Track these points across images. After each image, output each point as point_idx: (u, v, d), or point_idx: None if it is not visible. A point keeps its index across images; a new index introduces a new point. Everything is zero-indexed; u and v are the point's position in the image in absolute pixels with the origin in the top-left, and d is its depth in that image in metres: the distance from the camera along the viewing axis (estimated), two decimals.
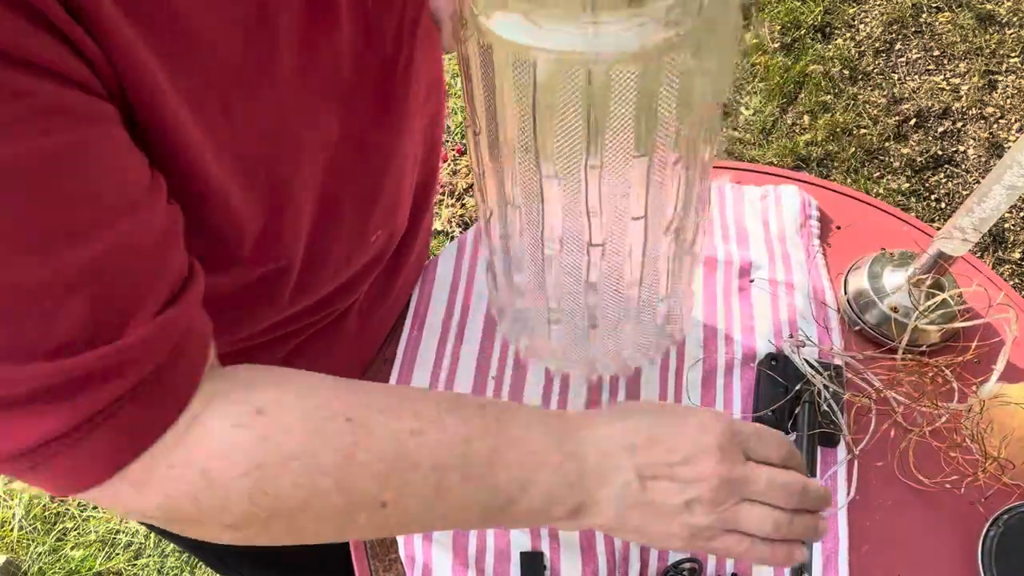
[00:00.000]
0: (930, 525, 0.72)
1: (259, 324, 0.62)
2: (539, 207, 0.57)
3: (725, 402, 0.79)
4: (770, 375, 0.77)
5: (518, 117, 0.51)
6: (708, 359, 0.82)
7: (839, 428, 0.74)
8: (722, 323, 0.84)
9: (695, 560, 0.69)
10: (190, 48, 0.38)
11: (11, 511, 1.60)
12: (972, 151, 2.13)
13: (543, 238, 0.59)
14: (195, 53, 0.38)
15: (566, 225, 0.58)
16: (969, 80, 2.27)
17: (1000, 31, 2.37)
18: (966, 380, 0.79)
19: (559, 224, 0.58)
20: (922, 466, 0.74)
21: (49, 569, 1.54)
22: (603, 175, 0.53)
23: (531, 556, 0.69)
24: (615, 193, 0.55)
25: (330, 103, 0.50)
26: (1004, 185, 0.68)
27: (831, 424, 0.74)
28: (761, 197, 0.94)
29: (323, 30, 0.46)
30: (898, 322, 0.82)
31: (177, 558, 1.56)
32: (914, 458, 0.74)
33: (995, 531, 0.69)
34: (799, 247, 0.90)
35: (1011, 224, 2.02)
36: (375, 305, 0.78)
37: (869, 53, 2.33)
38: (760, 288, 0.86)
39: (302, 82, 0.46)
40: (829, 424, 0.74)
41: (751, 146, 2.14)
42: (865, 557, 0.70)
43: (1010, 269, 1.94)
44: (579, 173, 0.53)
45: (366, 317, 0.77)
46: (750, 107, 2.21)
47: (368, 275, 0.72)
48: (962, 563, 0.70)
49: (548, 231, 0.59)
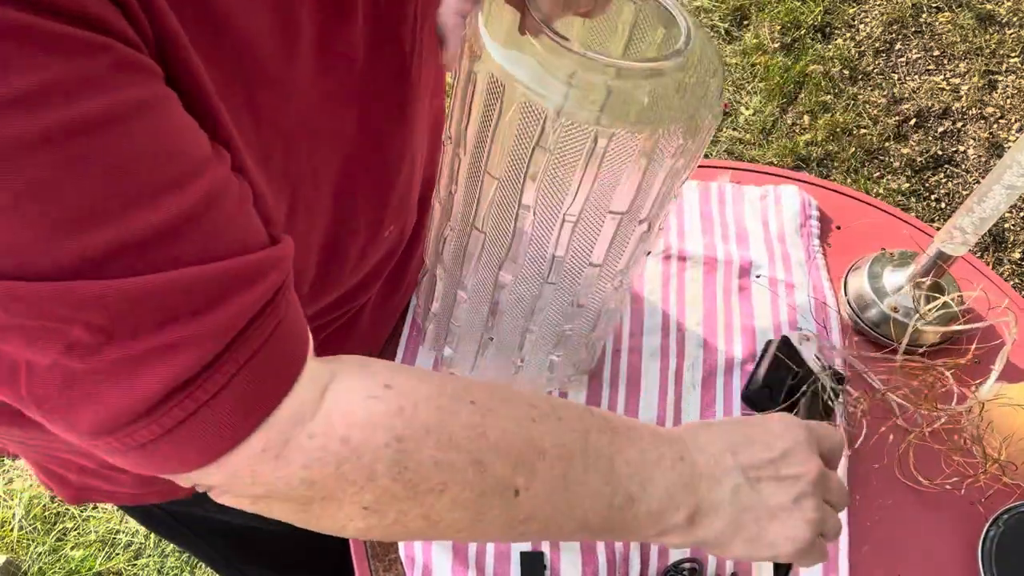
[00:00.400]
0: (930, 525, 0.72)
1: None
2: (507, 238, 0.58)
3: (725, 402, 0.79)
4: (779, 356, 0.77)
5: (511, 154, 0.52)
6: (708, 359, 0.82)
7: (835, 424, 0.74)
8: (722, 323, 0.84)
9: (695, 560, 0.69)
10: (217, 31, 0.37)
11: (11, 511, 1.60)
12: (972, 151, 2.13)
13: (501, 268, 0.60)
14: (221, 38, 0.38)
15: (528, 263, 0.60)
16: (969, 80, 2.27)
17: (1000, 31, 2.37)
18: (966, 381, 0.79)
19: (523, 259, 0.59)
20: (922, 467, 0.74)
21: (49, 569, 1.54)
22: (577, 226, 0.55)
23: (531, 556, 0.69)
24: (583, 241, 0.57)
25: (347, 98, 0.50)
26: (1004, 185, 0.68)
27: (830, 420, 0.74)
28: (761, 197, 0.94)
29: (339, 23, 0.46)
30: (898, 322, 0.82)
31: (177, 558, 1.56)
32: (914, 459, 0.74)
33: (995, 531, 0.69)
34: (799, 247, 0.90)
35: (1011, 224, 2.02)
36: (386, 301, 0.78)
37: (869, 53, 2.33)
38: (760, 288, 0.86)
39: (320, 77, 0.46)
40: (829, 420, 0.74)
41: (751, 146, 2.13)
42: (865, 557, 0.70)
43: (1010, 269, 1.94)
44: (556, 219, 0.55)
45: (377, 313, 0.77)
46: (750, 107, 2.21)
47: (381, 272, 0.72)
48: (962, 563, 0.70)
49: (509, 264, 0.60)
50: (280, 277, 0.39)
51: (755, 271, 0.88)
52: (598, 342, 0.75)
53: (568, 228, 0.55)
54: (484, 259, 0.61)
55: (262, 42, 0.40)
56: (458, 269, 0.64)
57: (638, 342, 0.82)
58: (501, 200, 0.56)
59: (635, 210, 0.55)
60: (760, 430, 0.51)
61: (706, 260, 0.88)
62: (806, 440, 0.51)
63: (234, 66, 0.39)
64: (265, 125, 0.43)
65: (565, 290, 0.62)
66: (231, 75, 0.39)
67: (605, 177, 0.51)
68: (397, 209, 0.65)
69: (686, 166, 0.53)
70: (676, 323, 0.84)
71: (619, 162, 0.50)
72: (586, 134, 0.48)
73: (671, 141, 0.49)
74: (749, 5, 2.42)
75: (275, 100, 0.43)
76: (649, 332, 0.83)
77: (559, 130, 0.48)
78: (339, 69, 0.48)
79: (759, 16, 2.39)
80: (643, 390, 0.79)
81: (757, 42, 2.32)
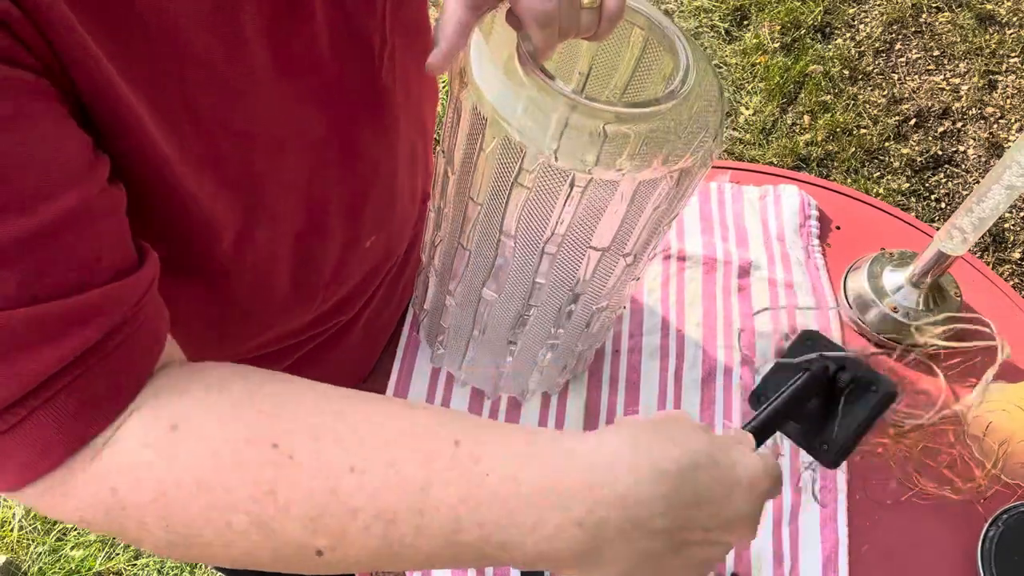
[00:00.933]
0: (930, 525, 0.72)
1: (249, 339, 0.60)
2: (490, 260, 0.58)
3: (725, 402, 0.79)
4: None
5: (493, 184, 0.51)
6: (708, 359, 0.82)
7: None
8: (722, 323, 0.84)
9: None
10: (140, 34, 0.36)
11: (11, 511, 1.60)
12: (972, 151, 2.13)
13: (485, 285, 0.60)
14: (147, 40, 0.36)
15: (510, 285, 0.60)
16: (969, 80, 2.27)
17: (1000, 31, 2.37)
18: (966, 381, 0.79)
19: (505, 281, 0.59)
20: (922, 467, 0.74)
21: (49, 569, 1.54)
22: (557, 258, 0.55)
23: None
24: (564, 271, 0.57)
25: (311, 100, 0.48)
26: (1003, 185, 0.68)
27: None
28: (760, 197, 0.94)
29: (294, 20, 0.44)
30: (898, 322, 0.82)
31: None
32: (914, 459, 0.74)
33: (995, 531, 0.69)
34: (798, 247, 0.90)
35: (1011, 224, 2.02)
36: (378, 316, 0.76)
37: (869, 53, 2.33)
38: (760, 288, 0.86)
39: (279, 76, 0.44)
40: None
41: (751, 146, 2.13)
42: (865, 557, 0.70)
43: (1010, 269, 1.94)
44: (536, 250, 0.55)
45: (369, 328, 0.75)
46: (750, 107, 2.21)
47: (367, 288, 0.69)
48: (962, 563, 0.70)
49: (491, 283, 0.60)
50: (112, 320, 0.37)
51: (755, 271, 0.88)
52: (588, 351, 0.74)
53: (548, 259, 0.54)
54: (468, 276, 0.61)
55: (199, 41, 0.39)
56: (447, 276, 0.64)
57: (638, 342, 0.82)
58: (484, 224, 0.55)
59: (618, 245, 0.54)
60: (721, 490, 0.40)
61: (705, 260, 0.88)
62: (762, 504, 0.42)
63: (166, 67, 0.38)
64: (210, 126, 0.42)
65: (549, 312, 0.62)
66: (162, 75, 0.38)
67: (586, 213, 0.50)
68: (377, 220, 0.62)
69: (675, 205, 0.51)
70: (676, 323, 0.84)
71: (602, 201, 0.48)
72: (566, 176, 0.46)
73: (659, 183, 0.48)
74: (749, 5, 2.42)
75: (220, 100, 0.41)
76: (649, 332, 0.83)
77: (537, 171, 0.46)
78: (299, 68, 0.46)
79: (759, 16, 2.39)
80: (643, 390, 0.79)
81: (757, 42, 2.32)
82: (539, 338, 0.66)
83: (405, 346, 0.81)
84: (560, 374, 0.75)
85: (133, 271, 0.38)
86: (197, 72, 0.39)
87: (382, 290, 0.74)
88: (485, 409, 0.78)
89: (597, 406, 0.78)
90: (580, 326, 0.66)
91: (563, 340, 0.66)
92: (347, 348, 0.73)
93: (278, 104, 0.45)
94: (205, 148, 0.42)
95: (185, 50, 0.38)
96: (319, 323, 0.66)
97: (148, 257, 0.40)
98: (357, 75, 0.51)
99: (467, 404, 0.78)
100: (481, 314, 0.63)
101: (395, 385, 0.79)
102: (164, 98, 0.38)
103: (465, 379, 0.77)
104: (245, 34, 0.41)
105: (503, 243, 0.55)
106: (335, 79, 0.49)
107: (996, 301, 0.87)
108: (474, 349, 0.70)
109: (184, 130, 0.40)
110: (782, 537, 0.71)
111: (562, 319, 0.62)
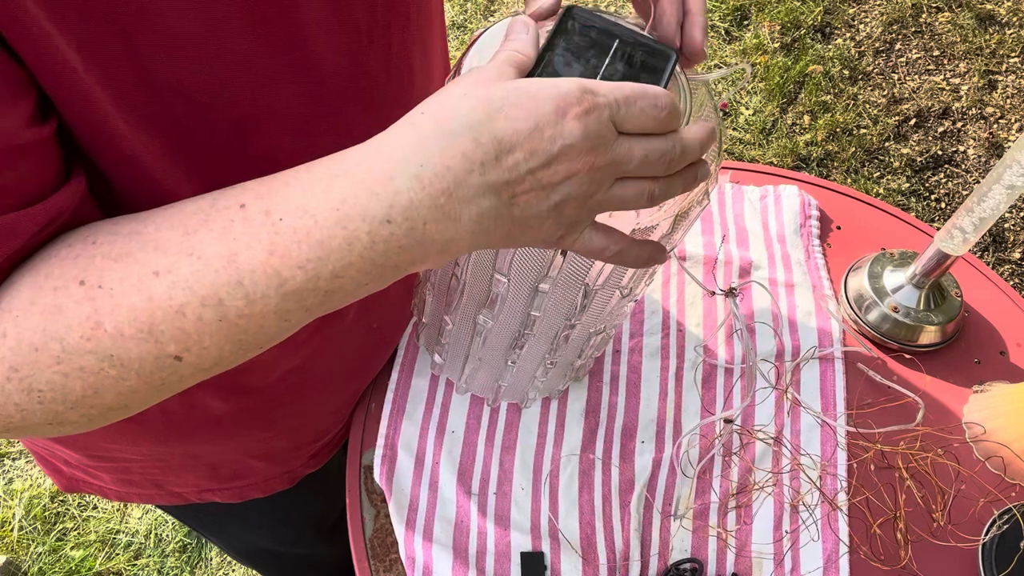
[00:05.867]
0: (930, 525, 0.72)
1: None
2: (484, 293, 0.58)
3: (725, 402, 0.79)
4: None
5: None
6: (708, 359, 0.82)
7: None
8: (722, 323, 0.84)
9: (695, 560, 0.69)
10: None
11: (11, 511, 1.60)
12: (972, 151, 2.13)
13: (479, 314, 0.61)
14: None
15: (505, 315, 0.60)
16: (969, 80, 2.27)
17: (1000, 31, 2.37)
18: (966, 381, 0.79)
19: (500, 312, 0.59)
20: (921, 467, 0.74)
21: (49, 569, 1.54)
22: (550, 296, 0.55)
23: (531, 556, 0.69)
24: (558, 307, 0.57)
25: (291, 76, 0.46)
26: (1004, 185, 0.68)
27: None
28: (761, 197, 0.94)
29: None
30: (898, 322, 0.82)
31: (177, 558, 1.56)
32: (913, 459, 0.74)
33: (995, 531, 0.69)
34: (799, 247, 0.90)
35: (1011, 224, 2.02)
36: (378, 308, 0.75)
37: (869, 53, 2.33)
38: (760, 288, 0.86)
39: (255, 52, 0.42)
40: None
41: (751, 146, 2.14)
42: (865, 557, 0.70)
43: (1010, 269, 1.95)
44: (530, 287, 0.55)
45: (371, 322, 0.74)
46: (750, 107, 2.21)
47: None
48: (962, 563, 0.70)
49: (487, 311, 0.60)
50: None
51: (755, 271, 0.88)
52: (588, 362, 0.75)
53: (542, 296, 0.55)
54: (463, 304, 0.61)
55: (163, 6, 0.37)
56: (442, 300, 0.64)
57: (638, 342, 0.82)
58: (478, 259, 0.55)
59: (613, 282, 0.54)
60: (524, 125, 0.38)
61: (706, 260, 0.88)
62: (584, 131, 0.39)
63: (105, 14, 0.36)
64: (161, 90, 0.40)
65: (545, 337, 0.63)
66: (98, 24, 0.36)
67: (578, 259, 0.50)
68: None
69: (672, 241, 0.51)
70: (676, 323, 0.84)
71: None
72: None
73: (657, 227, 0.47)
74: (749, 5, 2.42)
75: (175, 64, 0.40)
76: (649, 332, 0.83)
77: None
78: (278, 40, 0.43)
79: (759, 16, 2.39)
80: (643, 390, 0.79)
81: (757, 42, 2.32)
82: (537, 358, 0.66)
83: (406, 346, 0.82)
84: (561, 382, 0.75)
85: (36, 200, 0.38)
86: (146, 30, 0.38)
87: (377, 310, 0.71)
88: (485, 410, 0.78)
89: (597, 406, 0.78)
90: (578, 346, 0.66)
91: (561, 358, 0.67)
92: (350, 344, 0.72)
93: (255, 78, 0.44)
94: (153, 110, 0.41)
95: (129, 5, 0.37)
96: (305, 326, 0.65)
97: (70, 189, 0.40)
98: (345, 53, 0.48)
99: (468, 404, 0.78)
100: (478, 336, 0.64)
101: (395, 385, 0.79)
102: (102, 49, 0.37)
103: (466, 389, 0.77)
104: (217, 5, 0.39)
105: (496, 279, 0.55)
106: (320, 56, 0.47)
107: (996, 301, 0.87)
108: (472, 365, 0.70)
109: (127, 87, 0.39)
110: (782, 537, 0.71)
111: (559, 342, 0.63)
